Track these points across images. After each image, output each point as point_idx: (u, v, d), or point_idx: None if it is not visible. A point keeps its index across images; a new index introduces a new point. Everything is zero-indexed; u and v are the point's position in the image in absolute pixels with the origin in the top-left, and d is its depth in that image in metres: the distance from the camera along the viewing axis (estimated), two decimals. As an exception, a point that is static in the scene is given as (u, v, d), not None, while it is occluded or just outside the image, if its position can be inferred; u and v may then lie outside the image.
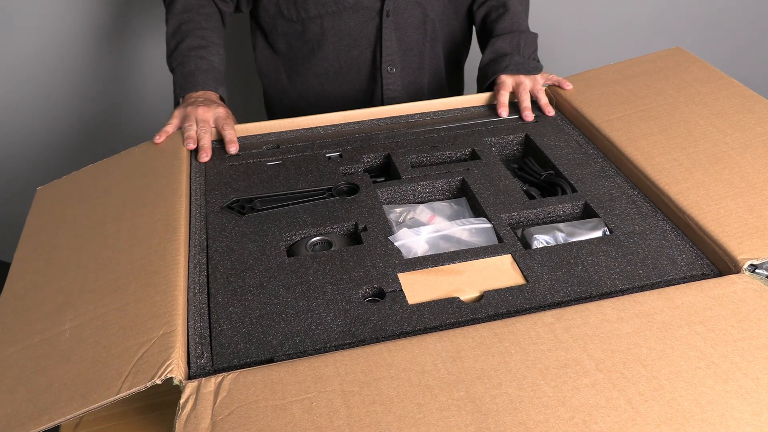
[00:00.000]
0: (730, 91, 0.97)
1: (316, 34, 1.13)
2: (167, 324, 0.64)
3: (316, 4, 1.10)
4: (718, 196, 0.78)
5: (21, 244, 0.84)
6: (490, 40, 1.13)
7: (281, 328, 0.66)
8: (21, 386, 0.62)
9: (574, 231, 0.79)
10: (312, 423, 0.53)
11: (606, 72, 1.09)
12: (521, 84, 1.06)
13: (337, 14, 1.10)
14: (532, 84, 1.07)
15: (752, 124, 0.89)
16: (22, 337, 0.68)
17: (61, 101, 1.68)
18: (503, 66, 1.08)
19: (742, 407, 0.53)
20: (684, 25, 1.99)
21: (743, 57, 2.12)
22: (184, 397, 0.57)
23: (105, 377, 0.60)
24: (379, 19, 1.11)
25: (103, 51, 1.62)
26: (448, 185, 0.90)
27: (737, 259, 0.69)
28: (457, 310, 0.67)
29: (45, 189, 0.96)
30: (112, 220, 0.83)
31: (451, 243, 0.79)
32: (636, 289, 0.69)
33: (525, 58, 1.09)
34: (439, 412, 0.54)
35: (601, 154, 0.93)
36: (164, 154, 0.95)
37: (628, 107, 0.98)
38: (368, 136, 1.00)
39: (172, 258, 0.73)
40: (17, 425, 0.58)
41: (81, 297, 0.71)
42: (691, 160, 0.85)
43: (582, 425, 0.52)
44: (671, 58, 1.09)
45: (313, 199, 0.86)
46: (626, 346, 0.59)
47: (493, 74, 1.09)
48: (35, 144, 1.73)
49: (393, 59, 1.15)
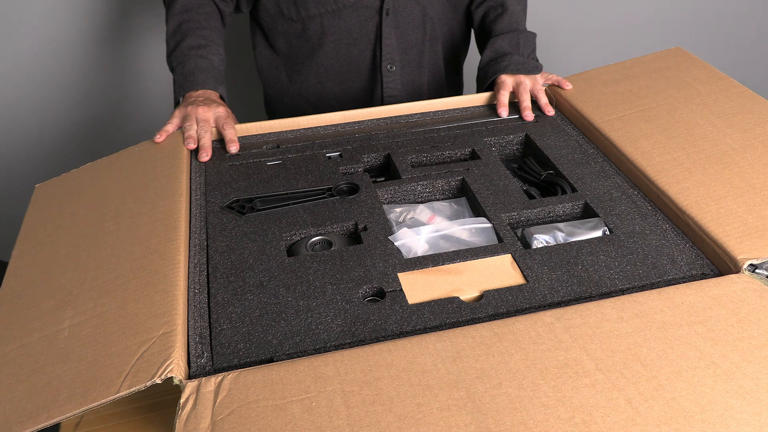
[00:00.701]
0: (730, 92, 0.97)
1: (316, 33, 1.13)
2: (167, 323, 0.64)
3: (316, 3, 1.10)
4: (718, 196, 0.78)
5: (19, 241, 0.84)
6: (490, 40, 1.13)
7: (281, 327, 0.66)
8: (19, 384, 0.62)
9: (574, 231, 0.79)
10: (312, 423, 0.53)
11: (606, 72, 1.09)
12: (521, 84, 1.06)
13: (337, 13, 1.11)
14: (532, 84, 1.07)
15: (752, 125, 0.89)
16: (20, 334, 0.68)
17: (61, 100, 1.68)
18: (503, 66, 1.08)
19: (742, 407, 0.53)
20: (684, 26, 1.99)
21: (743, 57, 2.12)
22: (184, 397, 0.57)
23: (104, 376, 0.60)
24: (378, 18, 1.11)
25: (103, 50, 1.62)
26: (448, 185, 0.90)
27: (737, 258, 0.69)
28: (457, 310, 0.67)
29: (43, 186, 0.95)
30: (112, 219, 0.83)
31: (451, 243, 0.79)
32: (636, 288, 0.69)
33: (524, 58, 1.09)
34: (439, 412, 0.54)
35: (601, 153, 0.93)
36: (164, 153, 0.95)
37: (628, 107, 0.98)
38: (368, 136, 1.00)
39: (172, 258, 0.73)
40: (16, 423, 0.58)
41: (80, 295, 0.71)
42: (691, 160, 0.85)
43: (582, 425, 0.52)
44: (671, 59, 1.09)
45: (313, 198, 0.86)
46: (626, 345, 0.59)
47: (493, 74, 1.09)
48: (34, 143, 1.73)
49: (393, 57, 1.15)
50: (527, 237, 0.79)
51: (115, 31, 1.61)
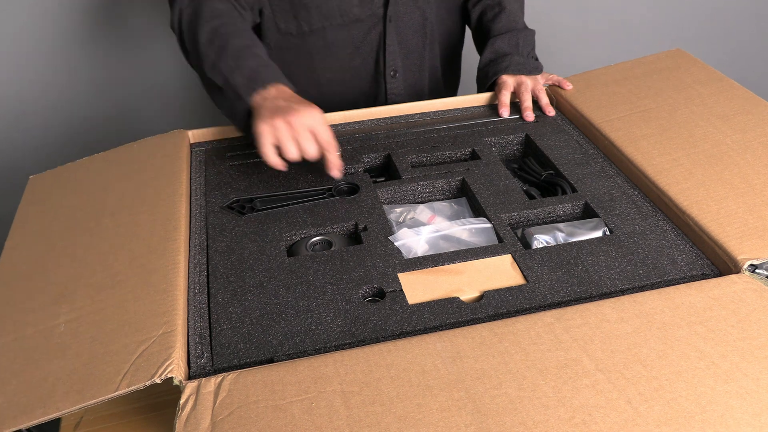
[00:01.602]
0: (730, 93, 0.98)
1: (317, 46, 1.11)
2: (167, 323, 0.64)
3: (320, 17, 1.07)
4: (718, 197, 0.78)
5: (12, 232, 0.83)
6: (489, 41, 1.12)
7: (281, 328, 0.66)
8: (13, 378, 0.61)
9: (574, 231, 0.79)
10: (312, 423, 0.53)
11: (606, 73, 1.09)
12: (522, 84, 1.06)
13: (343, 26, 1.09)
14: (534, 84, 1.07)
15: (752, 126, 0.90)
16: (14, 328, 0.67)
17: (61, 99, 1.68)
18: (504, 66, 1.08)
19: (742, 407, 0.53)
20: (684, 26, 1.99)
21: (743, 58, 2.12)
22: (184, 397, 0.56)
23: (103, 374, 0.59)
24: (382, 26, 1.10)
25: (104, 48, 1.62)
26: (448, 185, 0.90)
27: (737, 259, 0.69)
28: (457, 310, 0.67)
29: (38, 178, 0.95)
30: (110, 215, 0.82)
31: (451, 243, 0.79)
32: (636, 289, 0.69)
33: (524, 58, 1.09)
34: (439, 413, 0.54)
35: (601, 154, 0.93)
36: (164, 152, 0.95)
37: (628, 108, 0.98)
38: (368, 136, 1.00)
39: (172, 257, 0.73)
40: (9, 418, 0.57)
41: (76, 291, 0.70)
42: (691, 160, 0.85)
43: (582, 425, 0.52)
44: (671, 60, 1.09)
45: (313, 199, 0.85)
46: (626, 346, 0.59)
47: (494, 75, 1.09)
48: (35, 143, 1.73)
49: (395, 64, 1.14)
50: (527, 237, 0.79)
51: (114, 28, 1.61)
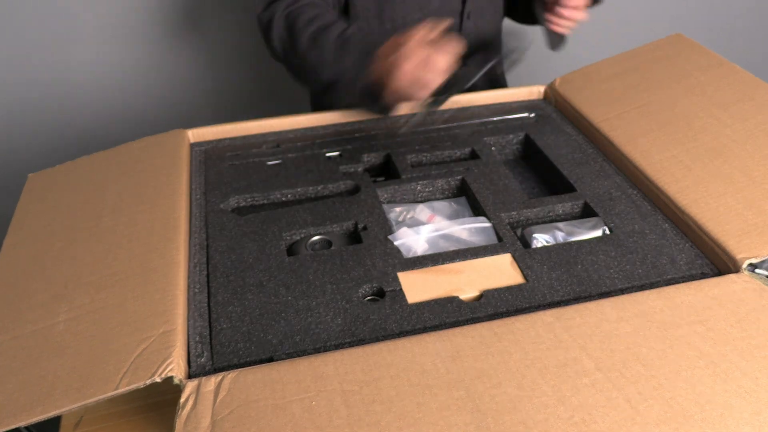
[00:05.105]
0: (730, 79, 0.96)
1: None
2: (167, 322, 0.64)
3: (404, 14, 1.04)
4: (717, 194, 0.78)
5: (11, 230, 0.83)
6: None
7: (281, 327, 0.66)
8: (12, 376, 0.61)
9: (574, 230, 0.79)
10: (312, 422, 0.53)
11: (604, 66, 1.08)
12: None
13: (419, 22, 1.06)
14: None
15: (753, 113, 0.88)
16: (13, 326, 0.67)
17: (61, 99, 1.68)
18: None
19: (742, 407, 0.53)
20: (685, 11, 1.99)
21: (743, 39, 2.12)
22: (184, 397, 0.57)
23: (102, 372, 0.59)
24: (459, 20, 1.08)
25: (103, 48, 1.62)
26: (447, 185, 0.90)
27: (736, 258, 0.69)
28: (457, 310, 0.67)
29: (37, 176, 0.94)
30: (109, 214, 0.82)
31: (451, 242, 0.79)
32: (635, 288, 0.69)
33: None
34: (438, 412, 0.54)
35: (600, 153, 0.93)
36: (164, 151, 0.95)
37: (627, 103, 0.98)
38: (368, 135, 1.00)
39: (172, 257, 0.73)
40: (8, 416, 0.57)
41: (76, 289, 0.70)
42: (690, 156, 0.84)
43: (581, 425, 0.52)
44: (671, 47, 1.08)
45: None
46: (626, 345, 0.59)
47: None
48: (34, 142, 1.73)
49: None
50: (527, 236, 0.79)
51: (116, 27, 1.61)
